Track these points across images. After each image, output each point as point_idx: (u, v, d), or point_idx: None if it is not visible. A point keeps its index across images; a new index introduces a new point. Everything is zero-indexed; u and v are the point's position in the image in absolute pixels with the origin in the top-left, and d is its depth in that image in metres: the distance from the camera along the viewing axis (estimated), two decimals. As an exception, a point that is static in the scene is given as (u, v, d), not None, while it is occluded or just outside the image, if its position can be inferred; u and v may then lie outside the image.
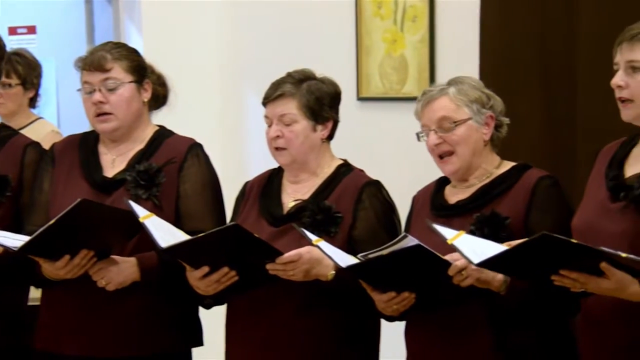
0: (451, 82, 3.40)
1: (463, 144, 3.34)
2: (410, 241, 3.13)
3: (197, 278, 3.42)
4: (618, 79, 3.06)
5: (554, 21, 4.29)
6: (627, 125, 3.15)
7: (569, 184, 3.84)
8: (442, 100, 3.37)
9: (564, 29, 4.25)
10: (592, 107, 4.07)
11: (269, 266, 3.35)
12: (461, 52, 4.59)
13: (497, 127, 3.41)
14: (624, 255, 2.76)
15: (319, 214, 3.49)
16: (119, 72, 3.64)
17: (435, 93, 3.38)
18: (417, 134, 3.42)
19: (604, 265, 2.86)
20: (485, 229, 3.25)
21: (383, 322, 3.52)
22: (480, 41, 4.44)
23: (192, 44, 5.46)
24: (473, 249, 3.03)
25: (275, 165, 3.69)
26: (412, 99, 3.50)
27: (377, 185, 3.56)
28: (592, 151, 3.35)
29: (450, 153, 3.36)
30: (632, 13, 3.19)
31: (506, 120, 3.43)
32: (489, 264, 2.98)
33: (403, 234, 3.25)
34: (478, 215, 3.28)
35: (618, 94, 3.08)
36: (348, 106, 4.09)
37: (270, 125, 3.58)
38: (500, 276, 3.16)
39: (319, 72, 3.63)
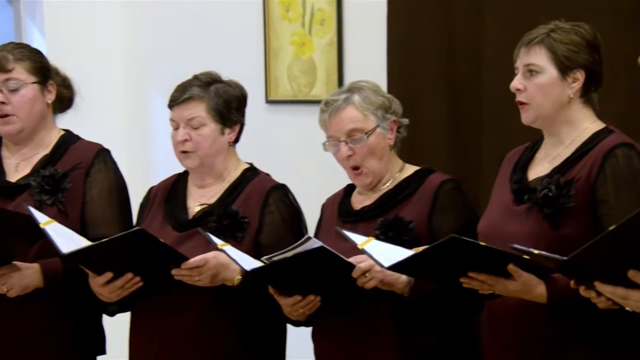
0: (352, 89, 3.41)
1: (374, 154, 3.37)
2: (314, 243, 3.14)
3: (100, 284, 3.37)
4: (517, 83, 3.13)
5: (460, 26, 4.33)
6: (531, 129, 3.18)
7: (474, 186, 3.89)
8: (349, 110, 3.38)
9: (469, 33, 4.29)
10: (497, 111, 4.11)
11: (174, 271, 3.32)
12: (369, 55, 4.61)
13: (398, 128, 3.44)
14: (536, 252, 2.80)
15: (225, 219, 3.47)
16: (21, 72, 3.58)
17: (341, 103, 3.38)
18: (324, 144, 3.42)
19: (511, 267, 2.90)
20: (389, 233, 3.27)
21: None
22: (388, 44, 4.47)
23: (96, 45, 5.39)
24: (383, 253, 3.05)
25: (181, 169, 3.65)
26: (321, 102, 3.49)
27: (283, 190, 3.56)
28: (497, 154, 3.39)
29: (359, 168, 3.38)
30: (535, 19, 3.24)
31: (405, 121, 3.46)
32: (399, 267, 3.01)
33: (307, 236, 3.25)
34: (382, 220, 3.31)
35: (517, 97, 3.14)
36: (256, 109, 4.08)
37: (176, 129, 3.55)
38: (403, 278, 3.19)
39: (227, 75, 3.62)
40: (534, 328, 3.05)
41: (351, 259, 3.16)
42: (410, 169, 3.44)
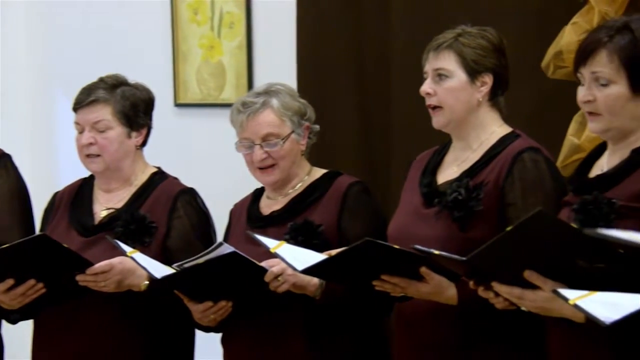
0: (270, 93, 3.39)
1: (287, 157, 3.36)
2: (226, 249, 3.13)
3: (1, 291, 3.31)
4: (426, 87, 3.14)
5: (368, 30, 4.35)
6: (439, 132, 3.20)
7: (383, 190, 3.90)
8: (267, 114, 3.36)
9: (378, 37, 4.31)
10: (405, 115, 4.14)
11: (79, 277, 3.28)
12: (279, 59, 4.61)
13: (309, 134, 3.44)
14: (436, 252, 2.82)
15: (132, 224, 3.43)
16: None
17: (259, 106, 3.36)
18: (236, 144, 3.40)
19: (423, 270, 2.92)
20: (299, 237, 3.27)
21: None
22: (297, 47, 4.47)
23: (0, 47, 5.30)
24: (295, 257, 3.05)
25: (87, 173, 3.60)
26: (230, 105, 3.48)
27: (191, 194, 3.53)
28: (406, 158, 3.41)
29: (272, 165, 3.36)
30: (442, 23, 3.27)
31: (317, 127, 3.46)
32: (313, 270, 3.01)
33: (218, 242, 3.23)
34: (291, 224, 3.30)
35: (428, 101, 3.15)
36: (165, 113, 4.04)
37: (81, 132, 3.50)
38: (315, 281, 3.20)
39: (135, 79, 3.58)
40: (444, 330, 3.06)
41: (263, 263, 3.15)
42: (318, 172, 3.43)
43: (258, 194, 3.50)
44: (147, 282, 3.32)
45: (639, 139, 2.77)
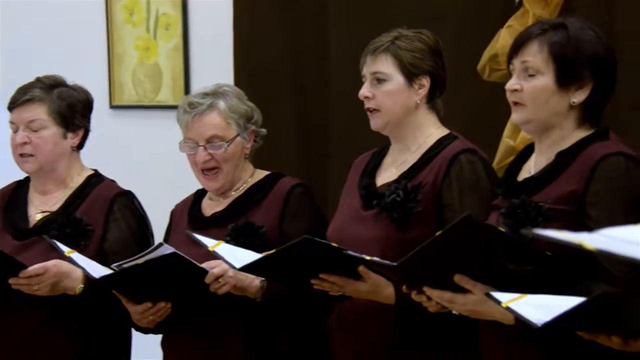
0: (218, 94, 3.37)
1: (230, 161, 3.35)
2: (166, 249, 3.12)
3: None
4: (365, 91, 3.15)
5: (306, 32, 4.35)
6: (378, 135, 3.21)
7: (322, 192, 3.91)
8: (213, 116, 3.35)
9: (316, 40, 4.32)
10: (344, 117, 4.15)
11: (11, 280, 3.25)
12: (216, 61, 4.59)
13: (255, 137, 3.43)
14: (368, 258, 2.84)
15: (67, 227, 3.41)
16: None
17: (205, 108, 3.34)
18: (180, 144, 3.38)
19: (361, 269, 2.93)
20: (240, 239, 3.26)
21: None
22: (235, 50, 4.46)
23: None
24: (234, 255, 3.05)
25: (23, 175, 3.57)
26: (167, 107, 3.47)
27: (128, 196, 3.52)
28: (345, 160, 3.41)
29: (215, 169, 3.34)
30: (378, 26, 3.29)
31: (263, 131, 3.45)
32: (252, 268, 3.01)
33: (158, 242, 3.22)
34: (233, 225, 3.29)
35: (366, 104, 3.16)
36: (100, 114, 4.00)
37: (15, 131, 3.48)
38: (256, 283, 3.20)
39: (70, 79, 3.55)
40: (382, 329, 3.08)
41: (203, 265, 3.14)
42: (261, 174, 3.43)
43: (200, 195, 3.48)
44: (82, 286, 3.29)
45: (562, 138, 2.80)
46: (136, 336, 3.51)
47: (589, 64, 2.76)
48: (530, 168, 2.86)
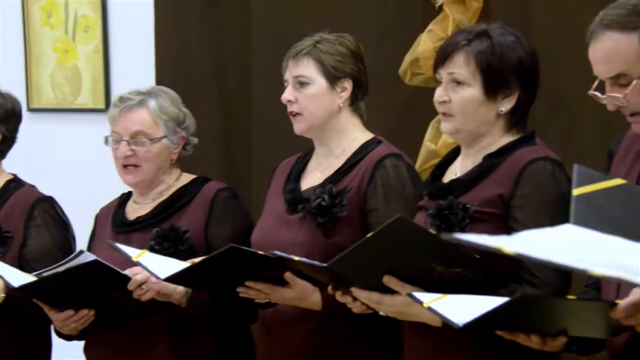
0: (151, 94, 3.38)
1: (152, 161, 3.34)
2: (87, 257, 3.10)
3: None
4: (287, 94, 3.17)
5: (229, 34, 4.35)
6: (302, 139, 3.23)
7: (246, 197, 3.91)
8: (141, 113, 3.34)
9: (239, 43, 4.32)
10: (267, 121, 4.15)
11: None
12: (137, 64, 4.56)
13: (185, 145, 3.42)
14: (296, 258, 2.85)
15: (-16, 234, 3.37)
16: None
17: (134, 103, 3.34)
18: (106, 137, 3.37)
19: (287, 275, 2.94)
20: (165, 244, 3.25)
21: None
22: (156, 52, 4.44)
23: None
24: (158, 265, 3.04)
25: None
26: (87, 110, 3.44)
27: (49, 202, 3.49)
28: (269, 164, 3.42)
29: (136, 166, 3.33)
30: (299, 30, 3.31)
31: (195, 140, 3.45)
32: (177, 279, 3.00)
33: (79, 249, 3.20)
34: (157, 229, 3.28)
35: (289, 108, 3.18)
36: (18, 118, 3.95)
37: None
38: (180, 289, 3.19)
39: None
40: (303, 337, 3.09)
41: (127, 271, 3.13)
42: (187, 178, 3.42)
43: (125, 198, 3.46)
44: (3, 295, 3.25)
45: (490, 144, 2.84)
46: (58, 340, 3.49)
47: (515, 72, 2.81)
48: (456, 170, 2.90)
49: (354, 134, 3.18)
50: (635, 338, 2.31)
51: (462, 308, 2.43)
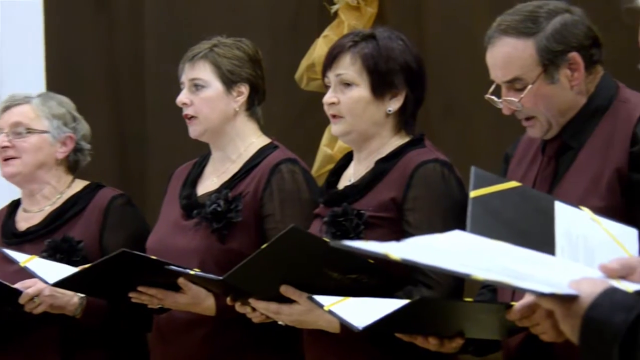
0: (41, 95, 3.41)
1: (31, 152, 3.31)
2: None
3: None
4: (183, 97, 3.15)
5: (122, 36, 4.31)
6: (198, 144, 3.20)
7: (141, 203, 3.86)
8: (23, 107, 3.36)
9: (132, 43, 4.28)
10: (162, 125, 4.12)
11: None
12: (26, 66, 4.48)
13: (78, 150, 3.39)
14: (192, 272, 2.84)
15: None
16: None
17: (19, 99, 3.36)
18: None
19: (181, 280, 2.92)
20: (57, 255, 3.21)
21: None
22: (46, 55, 4.38)
23: None
24: (47, 270, 2.99)
25: None
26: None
27: None
28: (164, 170, 3.39)
29: (14, 158, 3.31)
30: (197, 35, 3.29)
31: (87, 146, 3.41)
32: (67, 283, 2.97)
33: None
34: (49, 241, 3.24)
35: (185, 111, 3.16)
36: None
37: None
38: (75, 300, 3.15)
39: None
40: (196, 343, 3.07)
41: (17, 285, 3.08)
42: (79, 185, 3.38)
43: (14, 206, 3.41)
44: None
45: (381, 147, 2.87)
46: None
47: (401, 73, 2.84)
48: (351, 176, 2.92)
49: (251, 139, 3.17)
50: (529, 339, 2.34)
51: (361, 311, 2.45)
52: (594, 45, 2.63)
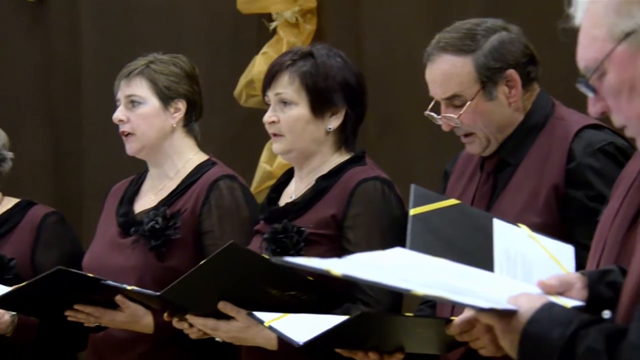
0: None
1: None
2: None
3: None
4: (119, 114, 3.13)
5: (58, 52, 4.28)
6: (135, 160, 3.18)
7: (77, 221, 3.83)
8: None
9: (69, 59, 4.25)
10: (99, 142, 4.09)
11: None
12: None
13: (1, 160, 3.33)
14: (129, 288, 2.83)
15: None
16: None
17: None
18: None
19: (119, 298, 2.90)
20: (-12, 274, 3.17)
21: None
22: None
23: None
24: None
25: None
26: None
27: None
28: (100, 187, 3.37)
29: None
30: (132, 50, 3.27)
31: (9, 154, 3.36)
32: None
33: None
34: (-21, 260, 3.20)
35: (121, 128, 3.14)
36: None
37: None
38: (6, 318, 3.12)
39: None
40: (138, 359, 3.03)
41: None
42: (9, 202, 3.34)
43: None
44: None
45: (322, 164, 2.88)
46: None
47: (340, 90, 2.85)
48: (292, 193, 2.92)
49: (188, 155, 3.16)
50: (469, 354, 2.35)
51: (302, 327, 2.45)
52: (531, 62, 2.67)
